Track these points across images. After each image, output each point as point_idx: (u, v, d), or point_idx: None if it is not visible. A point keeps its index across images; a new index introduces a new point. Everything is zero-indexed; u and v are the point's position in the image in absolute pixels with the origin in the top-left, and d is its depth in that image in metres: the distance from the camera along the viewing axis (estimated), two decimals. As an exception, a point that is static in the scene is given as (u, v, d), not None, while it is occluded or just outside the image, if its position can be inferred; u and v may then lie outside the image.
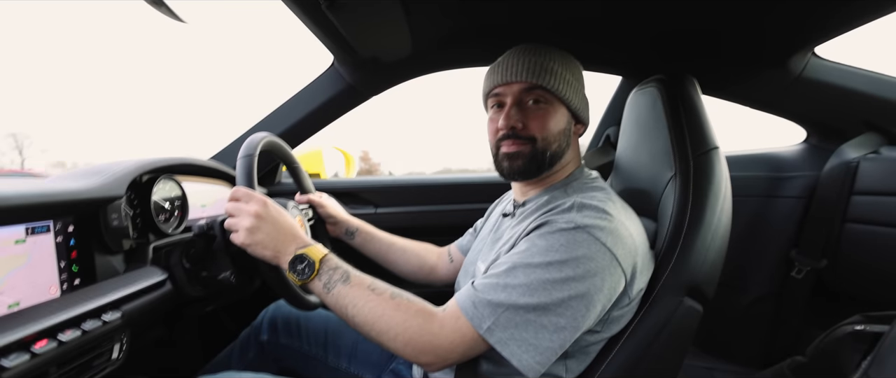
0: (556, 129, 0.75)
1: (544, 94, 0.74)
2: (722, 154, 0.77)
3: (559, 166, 0.78)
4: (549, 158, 0.75)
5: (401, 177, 1.62)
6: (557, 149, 0.75)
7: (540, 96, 0.74)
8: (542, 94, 0.74)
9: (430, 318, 0.63)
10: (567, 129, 0.76)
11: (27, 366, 0.51)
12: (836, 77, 1.07)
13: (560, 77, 0.74)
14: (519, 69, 0.74)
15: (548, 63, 0.73)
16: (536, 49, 0.75)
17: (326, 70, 1.20)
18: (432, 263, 1.08)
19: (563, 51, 0.77)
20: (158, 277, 0.76)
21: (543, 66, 0.73)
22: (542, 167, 0.76)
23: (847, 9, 0.79)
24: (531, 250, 0.63)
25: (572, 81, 0.75)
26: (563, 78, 0.74)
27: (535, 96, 0.74)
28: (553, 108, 0.74)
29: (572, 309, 0.60)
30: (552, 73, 0.73)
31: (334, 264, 0.68)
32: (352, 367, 0.94)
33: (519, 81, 0.74)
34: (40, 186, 0.63)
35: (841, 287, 1.17)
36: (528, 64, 0.73)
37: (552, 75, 0.73)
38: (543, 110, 0.74)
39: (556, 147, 0.75)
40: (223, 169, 1.10)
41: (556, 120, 0.75)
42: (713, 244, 0.73)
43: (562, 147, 0.76)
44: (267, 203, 0.71)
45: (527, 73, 0.73)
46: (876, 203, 1.08)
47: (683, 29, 0.90)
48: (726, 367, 1.30)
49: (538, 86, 0.73)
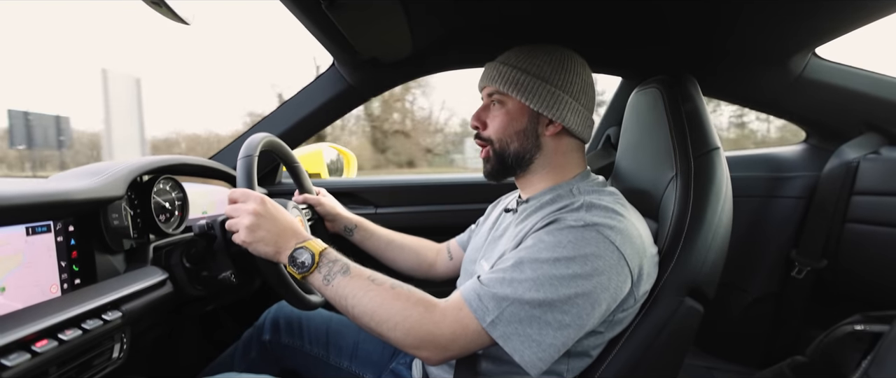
0: (513, 129, 0.75)
1: (502, 96, 0.76)
2: (722, 154, 0.78)
3: (540, 166, 0.77)
4: (513, 158, 0.76)
5: (401, 177, 1.62)
6: (519, 149, 0.76)
7: (500, 98, 0.76)
8: (502, 97, 0.76)
9: (431, 309, 0.63)
10: (528, 129, 0.75)
11: (27, 365, 0.51)
12: (836, 77, 1.07)
13: (514, 79, 0.73)
14: (485, 74, 0.79)
15: (511, 64, 0.75)
16: (518, 51, 0.76)
17: (326, 70, 1.20)
18: (431, 260, 1.08)
19: (559, 50, 0.76)
20: (159, 277, 0.76)
21: (500, 70, 0.75)
22: (508, 169, 0.78)
23: (847, 10, 0.79)
24: (539, 246, 0.63)
25: (534, 82, 0.73)
26: (518, 80, 0.73)
27: (496, 99, 0.77)
28: (506, 109, 0.76)
29: (578, 306, 0.60)
30: (504, 76, 0.74)
31: (333, 257, 0.68)
32: (353, 366, 0.94)
33: (485, 85, 0.79)
34: (41, 186, 0.63)
35: (841, 287, 1.17)
36: (491, 68, 0.77)
37: (504, 77, 0.74)
38: (501, 112, 0.76)
39: (515, 147, 0.76)
40: (223, 169, 1.10)
41: (511, 120, 0.75)
42: (714, 244, 0.73)
43: (525, 147, 0.76)
44: (265, 201, 0.71)
45: (486, 79, 0.78)
46: (876, 203, 1.08)
47: (684, 29, 0.90)
48: (726, 367, 1.30)
49: (494, 90, 0.76)
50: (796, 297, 1.22)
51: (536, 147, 0.76)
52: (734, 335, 1.33)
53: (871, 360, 0.73)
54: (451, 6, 0.87)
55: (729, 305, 1.32)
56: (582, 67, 0.77)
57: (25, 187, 0.61)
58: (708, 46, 0.95)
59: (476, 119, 0.79)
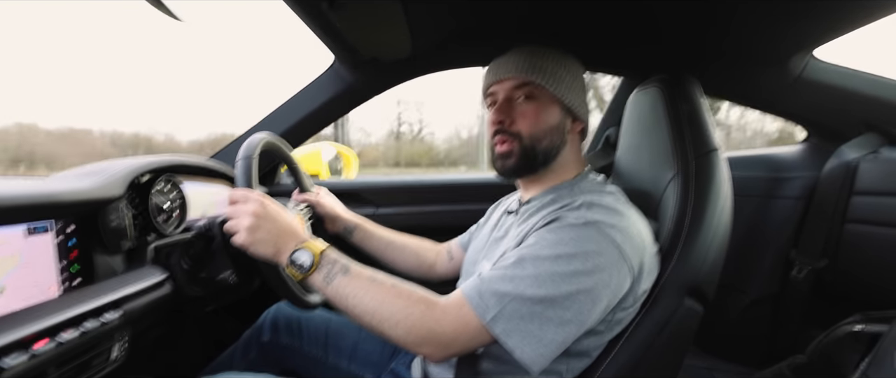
0: (546, 125, 0.74)
1: (534, 89, 0.74)
2: (722, 155, 0.78)
3: (557, 164, 0.77)
4: (542, 155, 0.75)
5: (401, 177, 1.62)
6: (549, 145, 0.75)
7: (530, 92, 0.74)
8: (532, 90, 0.74)
9: (432, 306, 0.63)
10: (559, 126, 0.75)
11: (26, 366, 0.51)
12: (835, 78, 1.08)
13: (551, 73, 0.73)
14: (510, 66, 0.75)
15: (539, 61, 0.74)
16: (532, 49, 0.76)
17: (327, 70, 1.20)
18: (431, 260, 1.08)
19: (563, 51, 0.77)
20: (158, 277, 0.76)
21: (533, 63, 0.73)
22: (534, 165, 0.75)
23: (846, 10, 0.79)
24: (540, 243, 0.63)
25: (567, 78, 0.75)
26: (554, 74, 0.74)
27: (525, 92, 0.74)
28: (542, 103, 0.74)
29: (579, 303, 0.60)
30: (542, 70, 0.73)
31: (333, 257, 0.68)
32: (352, 367, 0.94)
33: (509, 77, 0.75)
34: (40, 187, 0.63)
35: (841, 287, 1.18)
36: (519, 61, 0.74)
37: (542, 71, 0.73)
38: (532, 106, 0.74)
39: (546, 143, 0.75)
40: (223, 169, 1.10)
41: (547, 115, 0.74)
42: (713, 244, 0.73)
43: (554, 143, 0.75)
44: (265, 202, 0.71)
45: (516, 69, 0.74)
46: (876, 203, 1.09)
47: (684, 29, 0.90)
48: (726, 367, 1.30)
49: (528, 82, 0.74)
50: (796, 298, 1.23)
51: (562, 145, 0.76)
52: (734, 335, 1.34)
53: (870, 361, 0.73)
54: (450, 6, 0.87)
55: (728, 305, 1.32)
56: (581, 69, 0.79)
57: (25, 187, 0.61)
58: (707, 46, 0.95)
59: (501, 113, 0.75)
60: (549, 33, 0.96)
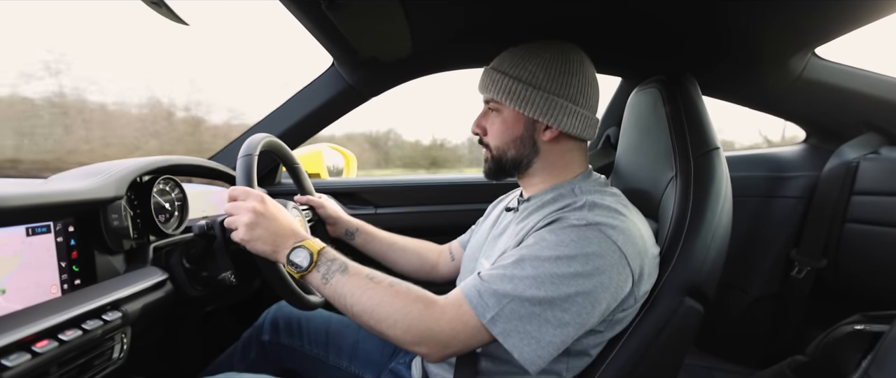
0: (510, 137, 0.76)
1: (497, 104, 0.76)
2: (722, 154, 0.78)
3: (538, 169, 0.77)
4: (510, 164, 0.77)
5: (401, 177, 1.62)
6: (517, 155, 0.76)
7: (495, 106, 0.77)
8: (496, 104, 0.76)
9: (430, 305, 0.63)
10: (525, 136, 0.75)
11: (28, 365, 0.51)
12: (836, 78, 1.07)
13: (507, 89, 0.73)
14: (480, 80, 0.79)
15: (504, 71, 0.74)
16: (512, 54, 0.75)
17: (326, 70, 1.20)
18: (433, 261, 1.08)
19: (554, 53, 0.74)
20: (159, 277, 0.76)
21: (494, 80, 0.75)
22: (507, 172, 0.79)
23: (847, 10, 0.79)
24: (541, 244, 0.63)
25: (528, 91, 0.72)
26: (511, 90, 0.73)
27: (491, 106, 0.78)
28: (504, 117, 0.76)
29: (578, 305, 0.60)
30: (499, 86, 0.74)
31: (332, 256, 0.68)
32: (352, 366, 0.94)
33: (481, 93, 0.79)
34: (40, 187, 0.63)
35: (841, 287, 1.17)
36: (485, 76, 0.77)
37: (499, 88, 0.74)
38: (499, 119, 0.77)
39: (512, 154, 0.76)
40: (223, 169, 1.10)
41: (508, 128, 0.75)
42: (714, 244, 0.73)
43: (522, 153, 0.76)
44: (265, 199, 0.71)
45: (481, 86, 0.78)
46: (876, 203, 1.09)
47: (683, 29, 0.90)
48: (726, 367, 1.30)
49: (490, 98, 0.76)
50: (796, 297, 1.22)
51: (534, 152, 0.76)
52: (734, 335, 1.34)
53: (871, 360, 0.73)
54: (450, 6, 0.87)
55: (729, 305, 1.32)
56: (580, 66, 0.74)
57: (25, 188, 0.61)
58: (707, 46, 0.95)
59: (476, 126, 0.80)
60: (549, 33, 0.96)
